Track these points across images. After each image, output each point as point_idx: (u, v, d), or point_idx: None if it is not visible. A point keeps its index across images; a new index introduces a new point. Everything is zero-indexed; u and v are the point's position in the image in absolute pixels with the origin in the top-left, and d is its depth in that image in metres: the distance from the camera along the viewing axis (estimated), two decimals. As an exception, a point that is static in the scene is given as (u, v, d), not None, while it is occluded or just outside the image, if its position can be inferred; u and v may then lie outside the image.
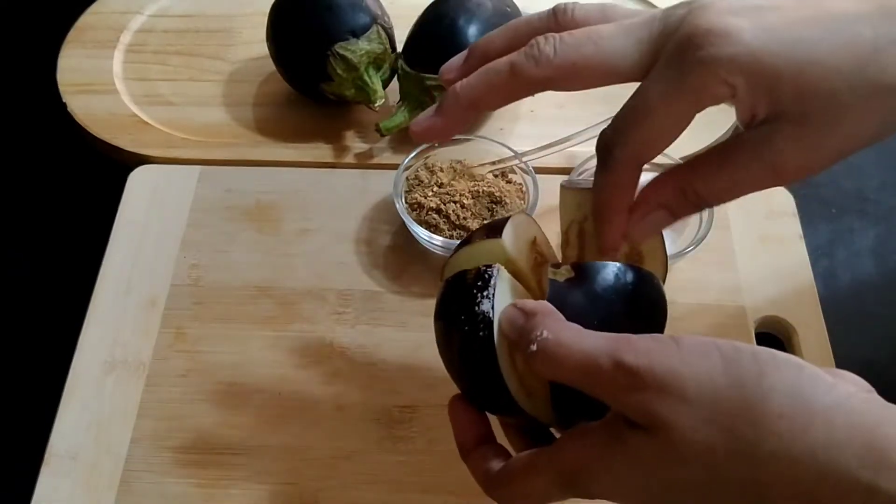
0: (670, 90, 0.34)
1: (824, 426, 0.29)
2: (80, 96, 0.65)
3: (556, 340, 0.32)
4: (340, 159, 0.62)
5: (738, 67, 0.32)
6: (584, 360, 0.32)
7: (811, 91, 0.33)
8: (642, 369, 0.30)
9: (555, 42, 0.36)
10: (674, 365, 0.30)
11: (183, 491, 0.47)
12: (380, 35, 0.61)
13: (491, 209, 0.55)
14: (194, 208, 0.59)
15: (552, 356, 0.32)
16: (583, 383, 0.32)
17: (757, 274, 0.56)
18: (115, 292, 0.54)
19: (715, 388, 0.30)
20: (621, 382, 0.30)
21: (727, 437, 0.29)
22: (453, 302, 0.38)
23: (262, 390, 0.50)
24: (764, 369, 0.30)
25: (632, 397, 0.30)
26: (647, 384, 0.30)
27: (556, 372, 0.33)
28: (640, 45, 0.35)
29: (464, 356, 0.37)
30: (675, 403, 0.30)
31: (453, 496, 0.47)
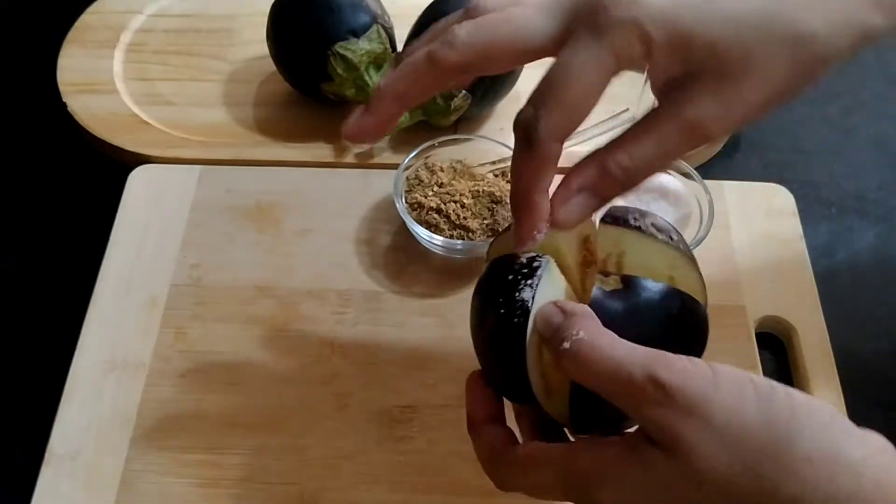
0: (588, 55, 0.34)
1: (851, 478, 0.28)
2: (80, 96, 0.65)
3: (590, 342, 0.32)
4: (340, 159, 0.62)
5: (652, 25, 0.33)
6: (616, 367, 0.31)
7: (723, 44, 0.33)
8: (674, 387, 0.30)
9: (469, 27, 0.36)
10: (706, 390, 0.30)
11: (183, 491, 0.47)
12: (380, 35, 0.61)
13: (491, 209, 0.55)
14: (194, 208, 0.59)
15: (585, 357, 0.32)
16: (610, 391, 0.32)
17: (757, 274, 0.56)
18: (115, 292, 0.54)
19: (744, 422, 0.29)
20: (651, 397, 0.30)
21: (749, 473, 0.29)
22: (495, 283, 0.37)
23: (262, 390, 0.50)
24: (796, 412, 0.29)
25: (659, 413, 0.30)
26: (676, 403, 0.30)
27: (585, 374, 0.32)
28: (553, 20, 0.35)
29: (493, 338, 0.37)
30: (701, 428, 0.29)
31: (453, 496, 0.47)
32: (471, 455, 0.48)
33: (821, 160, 0.65)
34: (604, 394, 0.32)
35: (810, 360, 0.52)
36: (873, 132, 0.67)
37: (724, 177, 0.61)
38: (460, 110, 0.61)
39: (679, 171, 0.56)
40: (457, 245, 0.54)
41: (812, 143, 0.66)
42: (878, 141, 0.66)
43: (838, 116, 0.68)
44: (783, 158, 0.65)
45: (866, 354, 0.54)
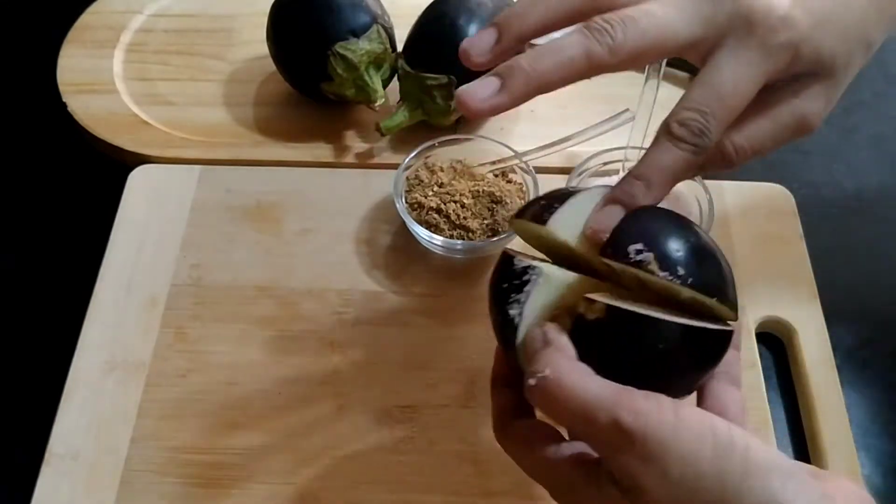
0: (751, 71, 0.38)
1: None
2: (80, 96, 0.65)
3: (556, 381, 0.32)
4: (341, 159, 0.62)
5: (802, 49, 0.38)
6: (581, 408, 0.32)
7: (840, 56, 0.40)
8: (636, 434, 0.30)
9: (623, 28, 0.37)
10: (665, 438, 0.30)
11: (183, 491, 0.47)
12: (380, 35, 0.61)
13: (491, 209, 0.55)
14: (194, 208, 0.59)
15: (549, 396, 0.32)
16: (576, 430, 0.33)
17: (757, 274, 0.56)
18: (115, 292, 0.54)
19: (697, 475, 0.30)
20: (613, 441, 0.31)
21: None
22: (496, 285, 0.38)
23: (262, 390, 0.50)
24: (749, 469, 0.30)
25: (619, 458, 0.31)
26: (635, 449, 0.30)
27: (551, 412, 0.33)
28: (693, 25, 0.37)
29: (498, 336, 0.39)
30: (656, 476, 0.30)
31: (453, 496, 0.47)
32: (471, 455, 0.48)
33: (821, 160, 0.65)
34: (571, 431, 0.34)
35: (810, 360, 0.52)
36: (873, 132, 0.67)
37: (724, 177, 0.61)
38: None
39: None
40: (457, 245, 0.54)
41: (812, 143, 0.66)
42: (878, 141, 0.66)
43: (838, 116, 0.68)
44: (783, 158, 0.65)
45: (866, 354, 0.54)
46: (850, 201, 0.62)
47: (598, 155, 0.57)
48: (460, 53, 0.39)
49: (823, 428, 0.49)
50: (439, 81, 0.59)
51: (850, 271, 0.58)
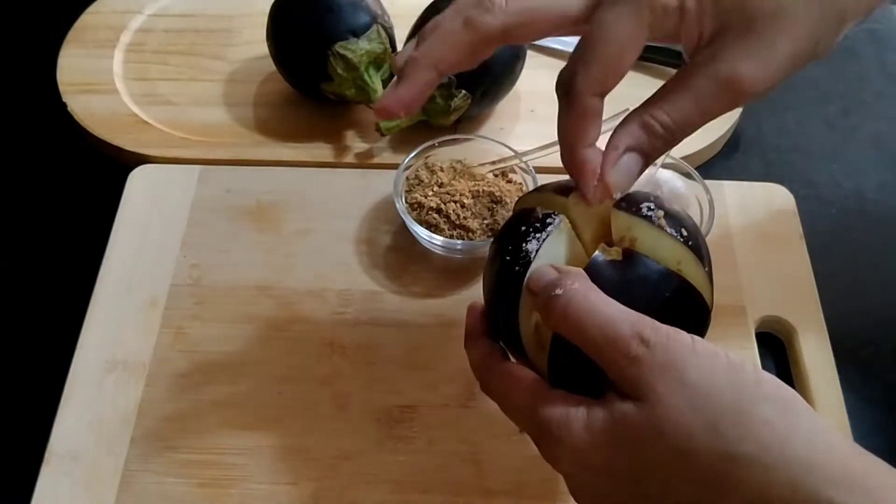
0: (623, 9, 0.35)
1: (806, 443, 0.30)
2: (80, 96, 0.65)
3: (584, 293, 0.33)
4: (340, 159, 0.62)
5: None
6: (605, 321, 0.32)
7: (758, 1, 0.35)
8: (658, 345, 0.31)
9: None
10: (684, 351, 0.32)
11: (183, 491, 0.47)
12: (380, 35, 0.61)
13: (491, 209, 0.55)
14: (194, 208, 0.59)
15: (575, 307, 0.33)
16: (595, 343, 0.33)
17: (757, 274, 0.56)
18: (115, 292, 0.54)
19: (713, 382, 0.31)
20: (633, 351, 0.32)
21: (710, 430, 0.30)
22: (509, 231, 0.39)
23: (262, 390, 0.50)
24: (762, 378, 0.31)
25: (636, 368, 0.32)
26: (656, 359, 0.31)
27: (573, 325, 0.33)
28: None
29: (497, 283, 0.39)
30: (672, 382, 0.31)
31: (453, 496, 0.47)
32: (471, 455, 0.48)
33: (821, 160, 0.65)
34: (587, 346, 0.33)
35: (810, 360, 0.52)
36: (873, 132, 0.67)
37: (724, 177, 0.61)
38: (460, 110, 0.60)
39: (679, 170, 0.56)
40: (457, 245, 0.54)
41: (812, 143, 0.66)
42: (878, 141, 0.66)
43: (838, 116, 0.68)
44: (783, 158, 0.65)
45: (866, 354, 0.54)
46: (850, 201, 0.62)
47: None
48: (377, 115, 0.40)
49: (823, 428, 0.49)
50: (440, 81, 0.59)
51: (850, 271, 0.58)
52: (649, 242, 0.37)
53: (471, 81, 0.59)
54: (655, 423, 0.31)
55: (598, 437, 0.32)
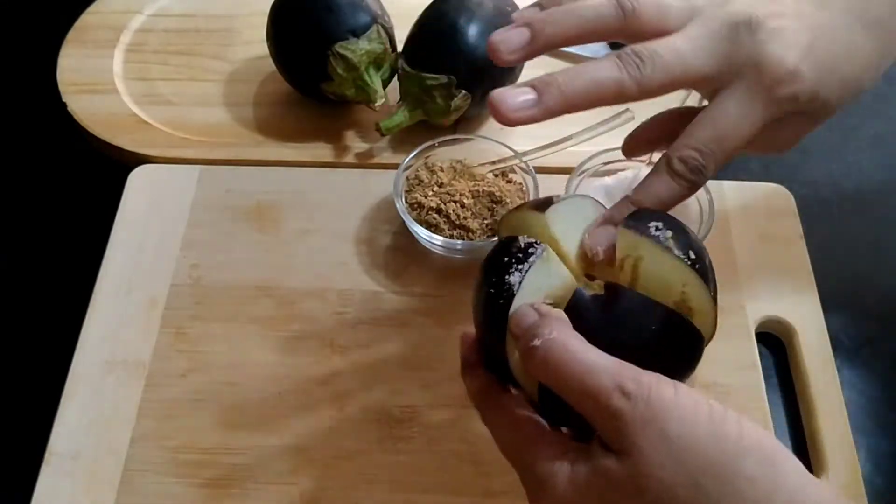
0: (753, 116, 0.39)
1: (789, 498, 0.30)
2: (80, 96, 0.65)
3: (562, 343, 0.33)
4: (340, 159, 0.62)
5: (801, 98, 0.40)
6: (584, 371, 0.32)
7: (832, 99, 0.41)
8: (640, 398, 0.31)
9: (653, 65, 0.38)
10: (666, 404, 0.31)
11: (183, 491, 0.47)
12: (380, 34, 0.61)
13: (491, 209, 0.55)
14: (194, 208, 0.59)
15: (554, 357, 0.33)
16: (575, 394, 0.33)
17: (757, 274, 0.56)
18: (115, 292, 0.54)
19: (695, 435, 0.30)
20: (613, 405, 0.31)
21: (692, 486, 0.30)
22: (493, 261, 0.38)
23: (262, 390, 0.50)
24: (745, 430, 0.31)
25: (617, 422, 0.31)
26: (636, 412, 0.31)
27: (552, 375, 0.33)
28: (713, 62, 0.39)
29: (483, 315, 0.38)
30: (653, 436, 0.31)
31: (453, 496, 0.47)
32: (471, 455, 0.48)
33: (821, 160, 0.65)
34: (568, 397, 0.33)
35: (810, 360, 0.52)
36: (873, 132, 0.67)
37: (724, 177, 0.61)
38: (460, 110, 0.60)
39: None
40: (457, 245, 0.54)
41: (812, 143, 0.66)
42: (878, 141, 0.66)
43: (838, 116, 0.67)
44: (783, 158, 0.65)
45: (867, 355, 0.54)
46: (850, 201, 0.62)
47: (598, 155, 0.57)
48: (489, 47, 0.41)
49: (823, 428, 0.49)
50: (439, 81, 0.59)
51: (850, 271, 0.58)
52: (655, 264, 0.36)
53: (471, 81, 0.59)
54: (636, 478, 0.31)
55: (582, 491, 0.32)
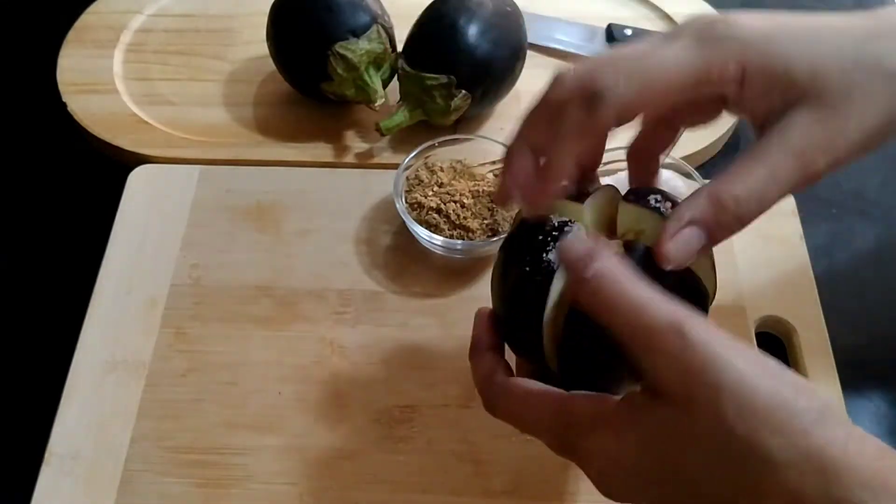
0: (684, 55, 0.35)
1: (841, 451, 0.29)
2: (80, 96, 0.65)
3: (617, 275, 0.31)
4: (340, 159, 0.62)
5: (752, 50, 0.35)
6: (639, 305, 0.31)
7: (824, 72, 0.34)
8: (697, 342, 0.30)
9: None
10: (723, 351, 0.30)
11: (183, 491, 0.47)
12: (380, 35, 0.61)
13: (491, 209, 0.55)
14: (194, 208, 0.59)
15: (608, 289, 0.31)
16: (626, 329, 0.31)
17: (757, 274, 0.55)
18: (115, 292, 0.54)
19: (754, 387, 0.29)
20: (669, 347, 0.30)
21: (748, 437, 0.29)
22: (525, 241, 0.38)
23: (262, 390, 0.50)
24: (800, 386, 0.30)
25: (672, 363, 0.30)
26: (693, 356, 0.30)
27: (604, 307, 0.32)
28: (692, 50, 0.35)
29: (515, 292, 0.37)
30: (711, 385, 0.29)
31: (453, 496, 0.47)
32: (471, 455, 0.48)
33: (821, 160, 0.65)
34: (620, 331, 0.31)
35: (810, 360, 0.51)
36: (873, 132, 0.67)
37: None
38: (460, 110, 0.60)
39: (679, 170, 0.56)
40: (457, 245, 0.54)
41: (812, 143, 0.66)
42: (878, 141, 0.66)
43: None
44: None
45: (866, 354, 0.54)
46: (850, 201, 0.62)
47: (598, 155, 0.57)
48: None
49: (823, 428, 0.49)
50: (439, 81, 0.59)
51: (850, 271, 0.58)
52: (657, 234, 0.36)
53: (471, 81, 0.59)
54: (694, 429, 0.30)
55: (625, 443, 0.32)
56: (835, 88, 0.34)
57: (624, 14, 0.72)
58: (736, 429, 0.29)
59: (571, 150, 0.36)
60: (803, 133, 0.34)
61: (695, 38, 0.35)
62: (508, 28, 0.61)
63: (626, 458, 0.32)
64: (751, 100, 0.36)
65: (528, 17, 0.65)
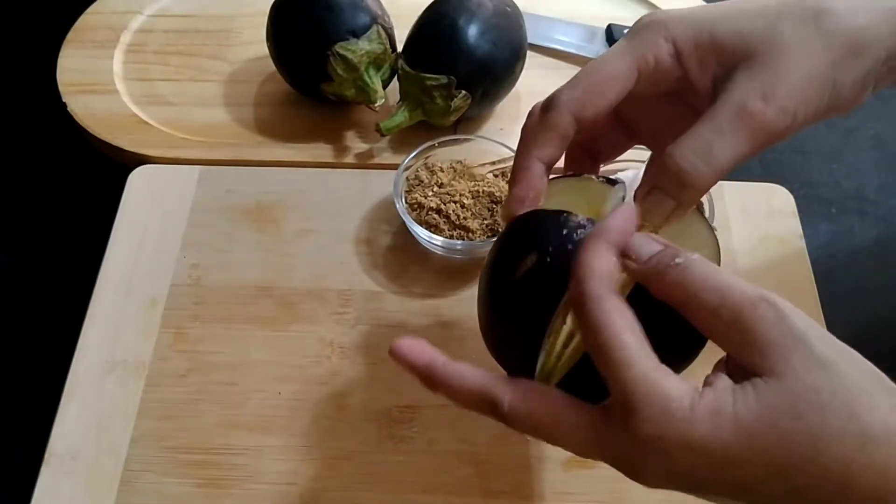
0: (616, 51, 0.38)
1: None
2: (80, 96, 0.65)
3: (701, 264, 0.32)
4: (340, 159, 0.62)
5: (676, 25, 0.37)
6: (728, 284, 0.31)
7: (747, 29, 0.36)
8: (788, 313, 0.30)
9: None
10: (811, 323, 0.31)
11: (183, 491, 0.47)
12: (380, 35, 0.61)
13: (491, 209, 0.55)
14: (194, 208, 0.59)
15: (692, 275, 0.32)
16: (718, 305, 0.31)
17: (757, 274, 0.56)
18: (115, 292, 0.54)
19: (845, 361, 0.30)
20: (761, 314, 0.30)
21: (845, 413, 0.29)
22: (545, 230, 0.36)
23: (262, 390, 0.50)
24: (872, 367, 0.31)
25: (766, 333, 0.30)
26: (788, 326, 0.30)
27: (689, 293, 0.32)
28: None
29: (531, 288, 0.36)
30: (807, 358, 0.30)
31: (453, 496, 0.47)
32: (471, 455, 0.48)
33: (821, 160, 0.65)
34: (704, 315, 0.31)
35: (810, 360, 0.52)
36: (873, 132, 0.67)
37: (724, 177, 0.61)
38: (460, 110, 0.60)
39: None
40: (457, 245, 0.54)
41: (812, 143, 0.66)
42: (878, 141, 0.66)
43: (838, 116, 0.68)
44: (783, 158, 0.65)
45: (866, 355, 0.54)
46: (850, 201, 0.62)
47: (598, 155, 0.57)
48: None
49: (823, 428, 0.49)
50: (439, 81, 0.59)
51: (850, 271, 0.58)
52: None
53: (471, 82, 0.59)
54: (792, 400, 0.29)
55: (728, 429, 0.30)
56: (763, 41, 0.36)
57: (624, 14, 0.72)
58: (835, 406, 0.29)
59: (534, 151, 0.39)
60: (741, 87, 0.36)
61: (627, 35, 0.39)
62: (508, 28, 0.61)
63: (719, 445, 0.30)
64: (694, 74, 0.38)
65: (528, 17, 0.65)
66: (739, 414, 0.30)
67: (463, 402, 0.35)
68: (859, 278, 0.58)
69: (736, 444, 0.30)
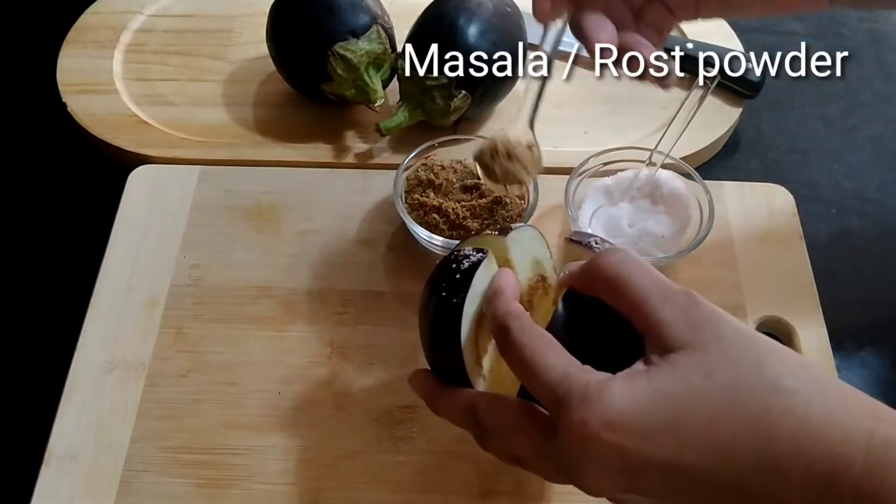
0: None
1: (837, 382, 0.33)
2: (80, 96, 0.65)
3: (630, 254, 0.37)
4: (340, 159, 0.62)
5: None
6: (661, 277, 0.35)
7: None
8: (699, 302, 0.34)
9: None
10: (715, 309, 0.34)
11: (183, 491, 0.47)
12: (380, 35, 0.61)
13: (491, 209, 0.55)
14: (194, 208, 0.59)
15: (628, 264, 0.36)
16: (646, 289, 0.34)
17: (757, 274, 0.56)
18: (115, 292, 0.54)
19: (748, 333, 0.33)
20: (681, 301, 0.34)
21: (755, 367, 0.32)
22: (441, 271, 0.41)
23: (262, 390, 0.50)
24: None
25: (682, 315, 0.33)
26: (699, 310, 0.34)
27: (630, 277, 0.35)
28: None
29: (436, 317, 0.40)
30: (715, 331, 0.33)
31: (453, 496, 0.47)
32: (471, 455, 0.48)
33: (821, 160, 0.65)
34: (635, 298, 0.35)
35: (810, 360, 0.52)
36: (873, 132, 0.67)
37: (724, 177, 0.61)
38: (460, 110, 0.60)
39: (679, 171, 0.56)
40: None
41: (812, 143, 0.66)
42: (878, 141, 0.66)
43: (838, 116, 0.68)
44: (783, 158, 0.65)
45: (866, 355, 0.54)
46: (850, 201, 0.62)
47: (597, 155, 0.57)
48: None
49: (823, 428, 0.49)
50: (439, 81, 0.59)
51: (850, 271, 0.58)
52: None
53: (471, 82, 0.59)
54: (704, 360, 0.32)
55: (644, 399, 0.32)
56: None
57: (624, 14, 0.72)
58: (742, 361, 0.32)
59: None
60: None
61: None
62: (508, 28, 0.61)
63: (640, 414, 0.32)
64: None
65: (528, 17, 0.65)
66: (654, 381, 0.32)
67: (450, 416, 0.40)
68: (859, 278, 0.58)
69: (656, 408, 0.32)
